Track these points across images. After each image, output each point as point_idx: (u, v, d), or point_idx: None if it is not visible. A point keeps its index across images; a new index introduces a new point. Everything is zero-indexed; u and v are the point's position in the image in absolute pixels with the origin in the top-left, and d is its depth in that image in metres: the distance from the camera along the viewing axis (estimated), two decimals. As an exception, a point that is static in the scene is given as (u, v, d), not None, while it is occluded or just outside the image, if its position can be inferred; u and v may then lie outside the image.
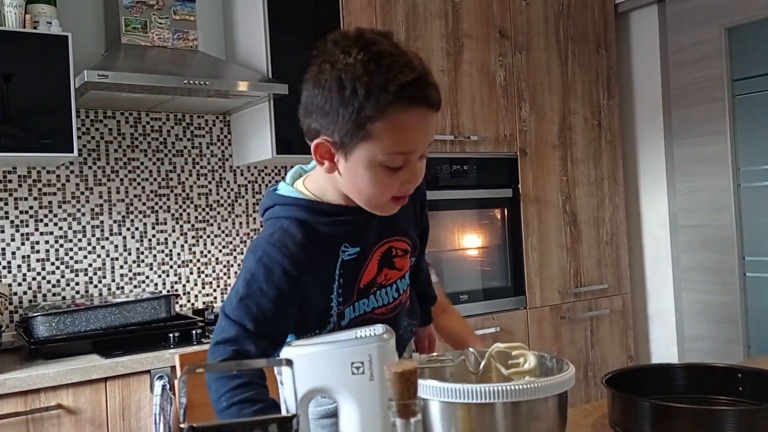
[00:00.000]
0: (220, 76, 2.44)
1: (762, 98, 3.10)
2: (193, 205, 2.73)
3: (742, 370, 1.18)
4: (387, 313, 1.12)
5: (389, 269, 1.12)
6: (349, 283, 1.07)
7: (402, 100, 0.92)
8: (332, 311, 1.07)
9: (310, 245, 1.03)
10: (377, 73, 0.91)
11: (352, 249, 1.06)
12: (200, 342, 2.15)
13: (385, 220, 1.10)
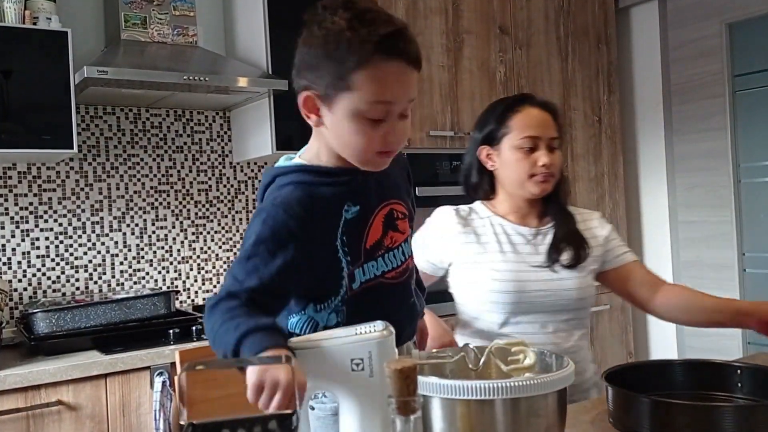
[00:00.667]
0: (219, 72, 2.44)
1: (762, 94, 3.10)
2: (193, 201, 2.73)
3: (741, 366, 1.19)
4: (397, 277, 1.14)
5: (394, 232, 1.14)
6: (355, 243, 1.09)
7: (381, 52, 0.98)
8: (343, 272, 1.07)
9: (313, 205, 1.05)
10: (360, 27, 0.98)
11: (354, 208, 1.09)
12: (200, 338, 2.15)
13: (382, 184, 1.14)
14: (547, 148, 1.58)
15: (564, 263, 1.57)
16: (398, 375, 0.59)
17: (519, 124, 1.59)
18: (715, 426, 0.97)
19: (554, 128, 1.61)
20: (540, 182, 1.58)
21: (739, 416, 0.97)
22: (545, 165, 1.56)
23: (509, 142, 1.59)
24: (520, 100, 1.64)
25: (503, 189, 1.65)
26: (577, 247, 1.59)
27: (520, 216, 1.65)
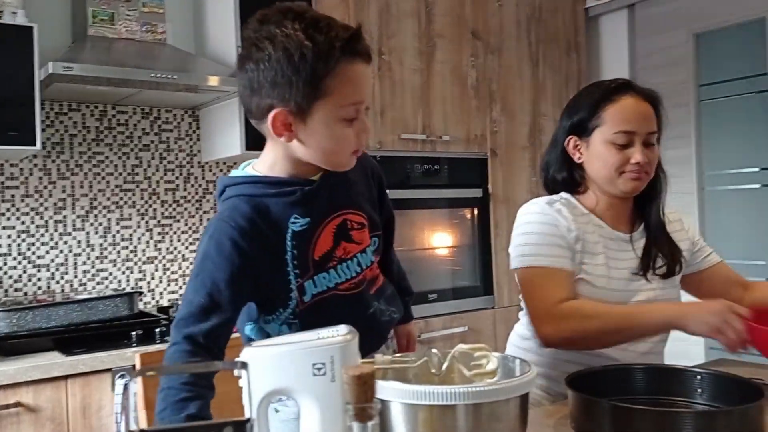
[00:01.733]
0: (189, 70, 2.41)
1: (727, 104, 3.16)
2: (159, 200, 2.69)
3: (702, 372, 1.20)
4: (352, 288, 1.13)
5: (347, 242, 1.13)
6: (303, 254, 1.08)
7: (347, 55, 1.02)
8: (291, 285, 1.08)
9: (258, 218, 1.06)
10: (319, 35, 1.00)
11: (303, 219, 1.08)
12: (163, 340, 2.12)
13: (336, 193, 1.13)
14: (644, 143, 1.44)
15: (659, 273, 1.48)
16: (356, 381, 0.59)
17: (614, 117, 1.44)
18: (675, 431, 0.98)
19: (654, 121, 1.46)
20: (632, 179, 1.44)
21: (698, 422, 0.98)
22: (639, 163, 1.42)
23: (601, 135, 1.45)
24: (618, 88, 1.47)
25: (593, 184, 1.51)
26: (672, 256, 1.49)
27: (615, 215, 1.51)
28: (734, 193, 3.15)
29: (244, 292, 1.07)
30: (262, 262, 1.06)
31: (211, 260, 1.04)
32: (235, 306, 1.06)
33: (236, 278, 1.03)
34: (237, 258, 1.03)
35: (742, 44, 3.10)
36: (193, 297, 1.03)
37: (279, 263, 1.07)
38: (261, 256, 1.06)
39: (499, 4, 3.20)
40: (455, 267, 3.07)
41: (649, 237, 1.51)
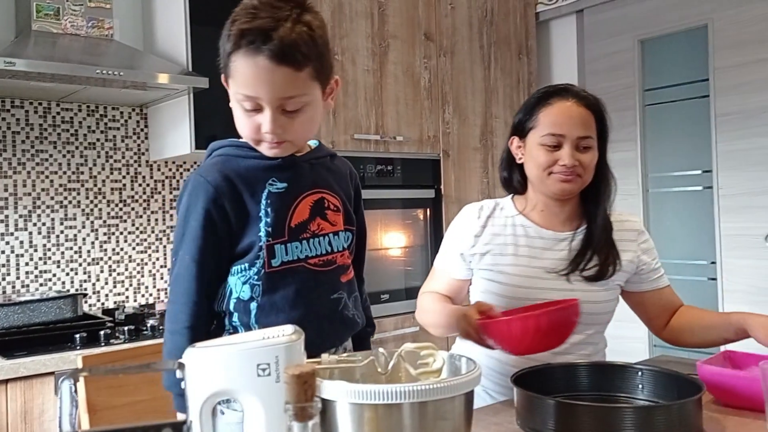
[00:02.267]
0: (136, 66, 2.36)
1: (669, 108, 3.26)
2: (105, 200, 2.62)
3: (643, 368, 1.23)
4: (321, 266, 1.15)
5: (322, 219, 1.16)
6: (279, 218, 1.11)
7: (240, 47, 1.02)
8: (261, 242, 1.10)
9: (234, 176, 1.10)
10: (236, 19, 1.03)
11: (281, 184, 1.12)
12: (108, 343, 2.07)
13: (319, 173, 1.18)
14: (576, 147, 1.46)
15: (585, 275, 1.48)
16: (296, 380, 0.58)
17: (545, 120, 1.48)
18: (615, 426, 1.00)
19: (589, 126, 1.48)
20: (560, 181, 1.47)
21: (638, 417, 1.01)
22: (565, 165, 1.45)
23: (534, 137, 1.49)
24: (557, 92, 1.51)
25: (531, 184, 1.55)
26: (605, 261, 1.49)
27: (548, 216, 1.54)
28: (677, 194, 3.25)
29: (224, 247, 1.11)
30: (236, 217, 1.10)
31: (192, 214, 1.09)
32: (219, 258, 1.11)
33: (214, 232, 1.09)
34: (215, 213, 1.09)
35: (685, 50, 3.20)
36: (183, 257, 1.09)
37: (251, 221, 1.10)
38: (234, 210, 1.09)
39: (452, 6, 3.23)
40: (408, 267, 3.08)
41: (586, 240, 1.51)
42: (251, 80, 1.03)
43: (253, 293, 1.11)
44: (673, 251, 3.26)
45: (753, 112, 2.94)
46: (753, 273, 2.94)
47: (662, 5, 3.23)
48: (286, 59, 1.02)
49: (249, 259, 1.11)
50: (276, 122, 1.06)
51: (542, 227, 1.54)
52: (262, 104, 1.05)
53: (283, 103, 1.05)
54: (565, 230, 1.54)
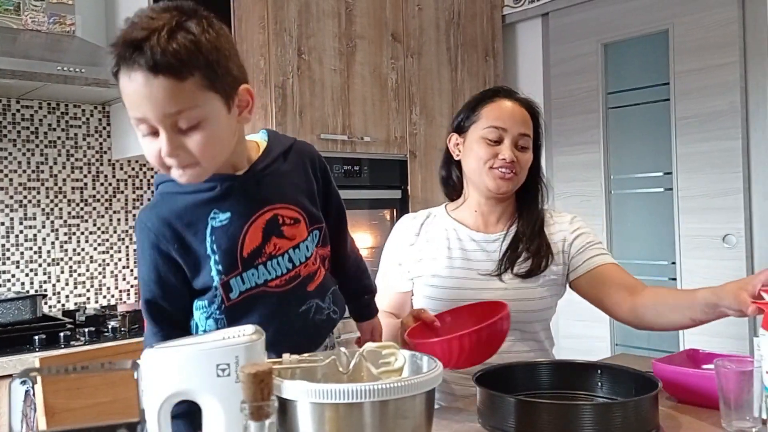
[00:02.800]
0: (99, 63, 2.32)
1: (632, 111, 3.32)
2: (66, 199, 2.58)
3: (602, 366, 1.25)
4: (283, 285, 1.10)
5: (278, 238, 1.09)
6: (229, 251, 1.06)
7: (120, 66, 0.93)
8: (214, 282, 1.06)
9: (174, 217, 1.06)
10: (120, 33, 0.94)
11: (223, 215, 1.06)
12: (68, 345, 2.03)
13: (266, 187, 1.09)
14: (515, 144, 1.50)
15: (519, 272, 1.49)
16: (252, 379, 0.58)
17: (488, 114, 1.53)
18: (574, 423, 1.02)
19: (528, 126, 1.53)
20: (498, 177, 1.49)
21: (596, 413, 1.03)
22: (506, 159, 1.47)
23: (475, 131, 1.53)
24: (498, 91, 1.58)
25: (468, 182, 1.58)
26: (536, 254, 1.50)
27: (481, 217, 1.57)
28: (639, 196, 3.31)
29: (178, 289, 1.09)
30: (183, 259, 1.06)
31: (141, 255, 1.09)
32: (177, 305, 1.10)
33: (163, 277, 1.07)
34: (159, 258, 1.06)
35: (647, 55, 3.26)
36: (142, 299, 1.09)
37: (200, 261, 1.06)
38: (179, 253, 1.06)
39: (419, 7, 3.25)
40: (374, 268, 3.06)
41: (515, 237, 1.54)
42: (133, 99, 0.93)
43: (218, 326, 1.08)
44: (635, 252, 3.32)
45: (711, 115, 3.01)
46: (711, 273, 3.01)
47: (625, 10, 3.29)
48: (163, 69, 0.91)
49: (208, 297, 1.08)
50: (172, 143, 0.95)
51: (474, 230, 1.57)
52: (154, 125, 0.94)
53: (174, 120, 0.94)
54: (496, 231, 1.57)
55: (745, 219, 2.92)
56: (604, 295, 1.51)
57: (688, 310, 1.34)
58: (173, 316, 1.09)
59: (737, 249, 2.94)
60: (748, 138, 2.94)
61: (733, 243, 2.95)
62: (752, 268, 2.92)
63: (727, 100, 2.96)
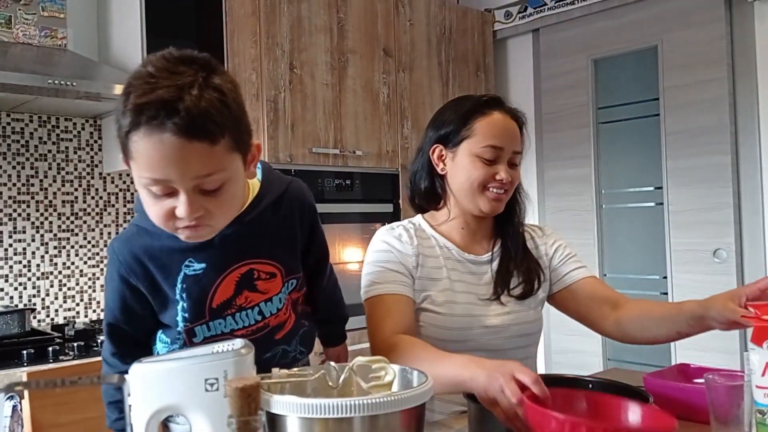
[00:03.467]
0: (90, 77, 2.32)
1: (622, 126, 3.34)
2: (56, 213, 2.56)
3: (592, 381, 1.25)
4: (249, 335, 1.07)
5: (250, 292, 1.07)
6: (199, 300, 1.04)
7: (140, 125, 0.85)
8: (178, 327, 1.06)
9: (146, 258, 1.03)
10: (129, 91, 0.86)
11: (198, 265, 1.03)
12: (57, 359, 2.01)
13: (246, 241, 1.05)
14: (508, 162, 1.42)
15: (515, 294, 1.43)
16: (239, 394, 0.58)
17: (484, 130, 1.41)
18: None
19: (519, 141, 1.45)
20: (492, 199, 1.41)
21: (587, 428, 1.02)
22: (502, 180, 1.40)
23: (469, 148, 1.41)
24: (489, 102, 1.44)
25: (452, 198, 1.47)
26: (528, 276, 1.45)
27: (468, 234, 1.48)
28: (630, 210, 3.33)
29: (141, 322, 1.09)
30: (151, 296, 1.06)
31: (109, 284, 1.07)
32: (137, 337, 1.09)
33: (129, 310, 1.07)
34: (127, 292, 1.06)
35: (637, 70, 3.29)
36: (105, 323, 1.09)
37: (167, 302, 1.05)
38: (148, 290, 1.05)
39: (410, 23, 3.27)
40: (365, 282, 3.07)
41: (504, 258, 1.46)
42: (158, 162, 0.86)
43: None
44: (626, 266, 3.33)
45: (700, 130, 3.03)
46: (702, 287, 3.02)
47: (614, 26, 3.32)
48: (198, 133, 0.85)
49: (171, 336, 1.08)
50: (193, 205, 0.89)
51: (464, 251, 1.47)
52: (174, 187, 0.88)
53: (199, 182, 0.89)
54: (483, 252, 1.49)
55: (735, 234, 2.94)
56: (588, 309, 1.48)
57: (674, 323, 1.31)
58: (135, 337, 1.09)
59: (728, 263, 2.95)
60: (737, 153, 2.96)
61: (723, 258, 2.96)
62: (743, 283, 2.93)
63: (716, 115, 2.98)
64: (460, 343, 1.37)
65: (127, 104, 0.86)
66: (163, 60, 0.88)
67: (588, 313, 1.48)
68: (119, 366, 1.07)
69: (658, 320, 1.35)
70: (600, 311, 1.45)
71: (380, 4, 3.13)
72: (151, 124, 0.84)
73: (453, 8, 3.49)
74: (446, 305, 1.40)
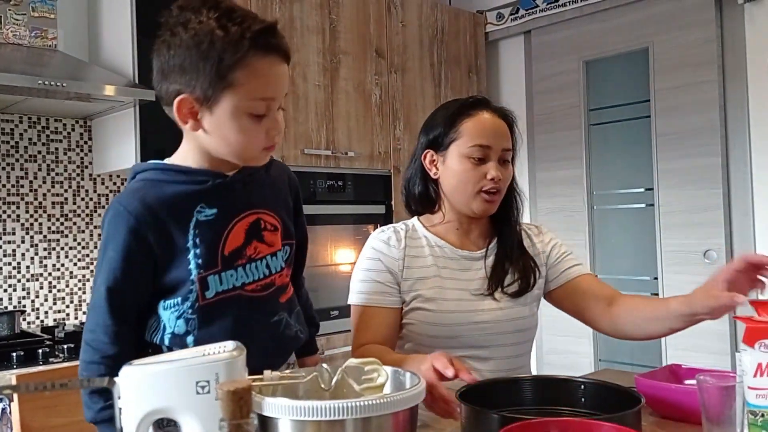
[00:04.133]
0: (80, 78, 2.31)
1: (613, 128, 3.35)
2: (46, 214, 2.55)
3: (585, 382, 1.25)
4: (259, 291, 1.10)
5: (258, 242, 1.11)
6: (211, 247, 1.06)
7: (258, 48, 0.99)
8: (191, 276, 1.05)
9: (159, 204, 1.04)
10: (231, 25, 0.98)
11: (210, 210, 1.07)
12: (47, 362, 2.00)
13: (252, 191, 1.12)
14: (499, 160, 1.43)
15: (509, 291, 1.45)
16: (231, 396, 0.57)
17: (471, 130, 1.42)
18: (558, 439, 1.01)
19: (509, 139, 1.46)
20: (486, 200, 1.43)
21: (579, 429, 1.02)
22: (494, 179, 1.41)
23: (458, 149, 1.43)
24: (475, 104, 1.47)
25: (446, 200, 1.49)
26: (524, 273, 1.46)
27: (463, 233, 1.50)
28: (621, 212, 3.34)
29: (144, 283, 1.06)
30: (161, 249, 1.05)
31: (111, 244, 1.04)
32: (137, 299, 1.06)
33: (134, 266, 1.04)
34: (134, 245, 1.03)
35: (628, 72, 3.30)
36: (100, 283, 1.04)
37: (178, 253, 1.05)
38: (158, 242, 1.04)
39: (403, 24, 3.27)
40: (358, 283, 3.07)
41: (500, 255, 1.48)
42: (270, 80, 1.02)
43: (188, 327, 1.07)
44: (617, 267, 3.34)
45: (690, 132, 3.05)
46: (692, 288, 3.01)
47: (606, 28, 3.33)
48: (289, 56, 1.05)
49: (181, 294, 1.06)
50: (280, 122, 1.07)
51: (458, 248, 1.49)
52: (272, 104, 1.04)
53: (282, 100, 1.06)
54: (478, 248, 1.51)
55: (725, 235, 2.95)
56: (584, 307, 1.49)
57: (666, 320, 1.35)
58: (129, 311, 1.06)
59: (718, 264, 2.96)
60: (727, 155, 2.98)
61: (713, 258, 2.98)
62: (733, 283, 2.94)
63: (707, 117, 3.00)
64: (451, 339, 1.39)
65: (230, 34, 0.98)
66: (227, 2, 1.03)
67: (584, 311, 1.49)
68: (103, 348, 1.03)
69: (651, 319, 1.38)
70: (596, 309, 1.47)
71: (372, 6, 3.13)
72: (269, 46, 1.00)
73: (445, 10, 3.49)
74: (436, 301, 1.43)
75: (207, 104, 1.01)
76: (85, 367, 1.04)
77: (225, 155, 1.07)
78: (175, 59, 1.01)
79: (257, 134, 1.04)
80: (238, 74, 0.99)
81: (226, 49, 0.98)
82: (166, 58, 1.02)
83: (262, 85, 1.01)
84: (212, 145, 1.06)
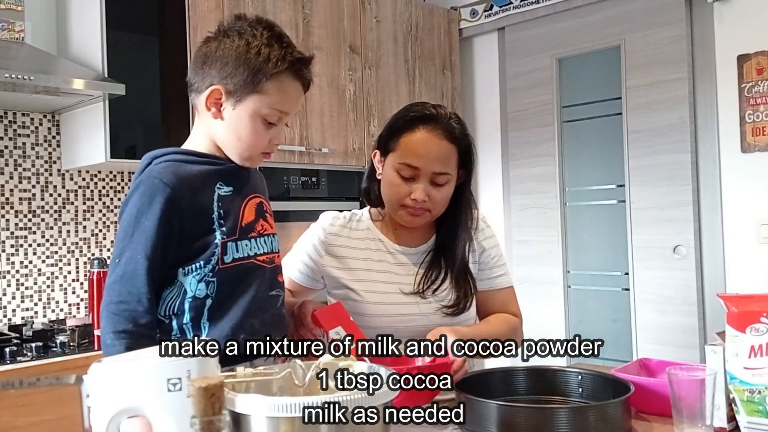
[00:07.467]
0: (48, 71, 2.26)
1: (585, 125, 3.39)
2: (13, 210, 2.49)
3: (581, 372, 1.28)
4: (267, 263, 1.26)
5: (264, 221, 1.27)
6: (231, 217, 1.21)
7: (292, 71, 1.19)
8: (216, 240, 1.18)
9: (187, 177, 1.17)
10: (278, 47, 1.18)
11: (227, 187, 1.22)
12: (15, 360, 1.95)
13: (253, 179, 1.29)
14: (429, 181, 1.41)
15: (444, 305, 1.45)
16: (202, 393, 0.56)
17: (403, 147, 1.42)
18: (553, 426, 1.05)
19: (449, 162, 1.42)
20: (410, 214, 1.44)
21: (573, 416, 1.06)
22: (416, 200, 1.41)
23: (391, 161, 1.44)
24: (421, 119, 1.42)
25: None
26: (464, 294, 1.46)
27: (403, 233, 1.52)
28: (593, 208, 3.37)
29: (172, 251, 1.16)
30: (193, 216, 1.17)
31: (146, 216, 1.13)
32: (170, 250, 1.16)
33: (168, 234, 1.14)
34: (169, 213, 1.14)
35: (600, 70, 3.33)
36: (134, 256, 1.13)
37: (205, 221, 1.18)
38: (191, 210, 1.16)
39: (377, 20, 3.26)
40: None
41: (436, 257, 1.49)
42: (292, 100, 1.21)
43: (208, 290, 1.18)
44: (589, 263, 3.37)
45: (661, 129, 3.09)
46: (662, 283, 3.08)
47: (578, 26, 3.36)
48: (309, 87, 1.25)
49: (204, 257, 1.18)
50: (282, 135, 1.26)
51: (396, 243, 1.51)
52: (283, 118, 1.21)
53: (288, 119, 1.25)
54: (417, 245, 1.52)
55: (694, 230, 3.00)
56: (482, 316, 1.55)
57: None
58: (157, 281, 1.15)
59: (687, 260, 3.01)
60: (696, 152, 3.02)
61: (683, 254, 3.02)
62: (702, 278, 3.00)
63: (677, 114, 3.04)
64: (375, 330, 1.38)
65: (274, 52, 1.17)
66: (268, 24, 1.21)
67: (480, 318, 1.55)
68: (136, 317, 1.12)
69: None
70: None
71: (346, 1, 3.12)
72: (300, 74, 1.20)
73: (419, 6, 3.49)
74: (366, 293, 1.45)
75: (233, 99, 1.18)
76: (117, 336, 1.11)
77: (229, 148, 1.22)
78: (222, 53, 1.17)
79: (263, 138, 1.21)
80: (269, 85, 1.17)
81: (267, 62, 1.16)
82: (215, 48, 1.18)
83: (283, 99, 1.19)
84: (222, 135, 1.21)
